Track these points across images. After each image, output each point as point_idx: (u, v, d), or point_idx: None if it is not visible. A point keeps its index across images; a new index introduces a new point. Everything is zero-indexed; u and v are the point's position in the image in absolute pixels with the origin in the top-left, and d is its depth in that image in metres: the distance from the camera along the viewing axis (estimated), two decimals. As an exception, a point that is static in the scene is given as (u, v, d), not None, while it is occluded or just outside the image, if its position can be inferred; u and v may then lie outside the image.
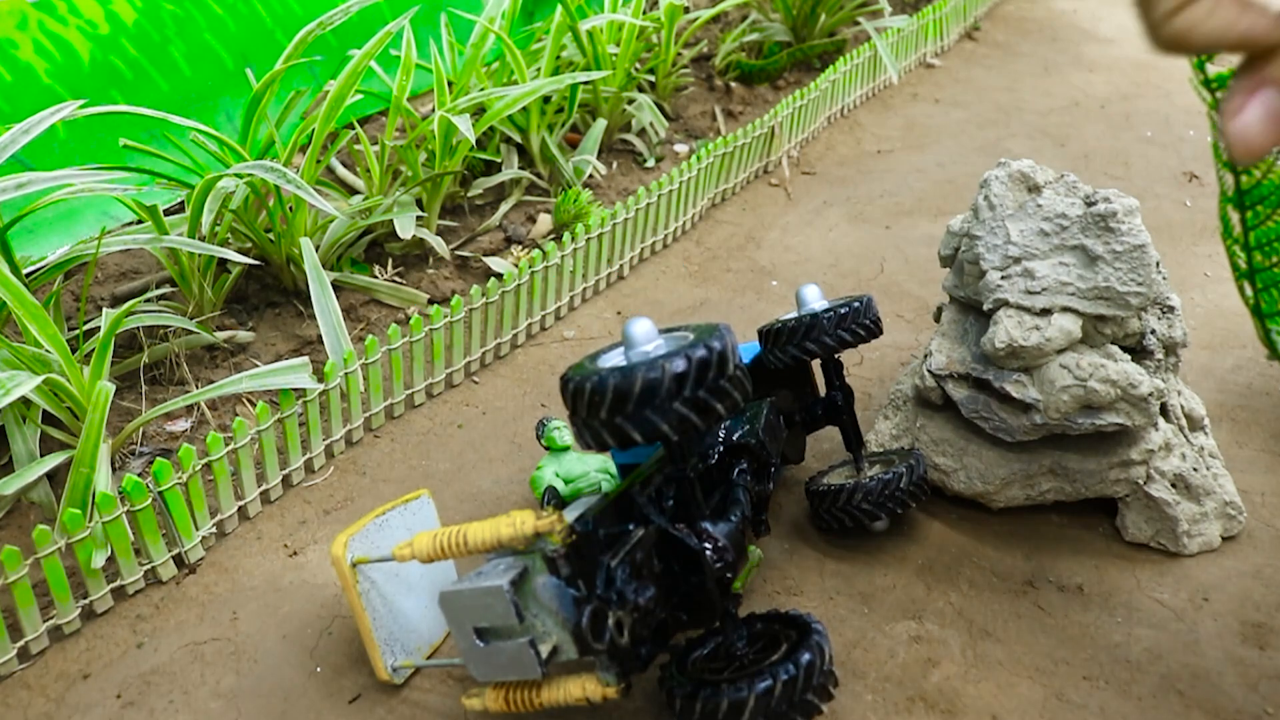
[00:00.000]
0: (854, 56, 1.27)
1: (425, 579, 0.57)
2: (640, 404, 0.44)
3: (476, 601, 0.46)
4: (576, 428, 0.47)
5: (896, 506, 0.62)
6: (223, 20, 1.06)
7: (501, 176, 1.01)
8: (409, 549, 0.49)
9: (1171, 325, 0.64)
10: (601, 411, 0.45)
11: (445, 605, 0.47)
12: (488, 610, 0.46)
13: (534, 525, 0.45)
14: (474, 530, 0.47)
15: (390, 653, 0.53)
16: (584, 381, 0.45)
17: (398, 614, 0.54)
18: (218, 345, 0.79)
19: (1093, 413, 0.62)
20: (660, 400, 0.44)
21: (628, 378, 0.44)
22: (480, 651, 0.47)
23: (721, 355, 0.45)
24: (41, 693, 0.55)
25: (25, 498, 0.65)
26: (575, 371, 0.46)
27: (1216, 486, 0.65)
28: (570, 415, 0.47)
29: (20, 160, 0.86)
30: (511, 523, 0.46)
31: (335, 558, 0.51)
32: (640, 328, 0.47)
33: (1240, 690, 0.56)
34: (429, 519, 0.57)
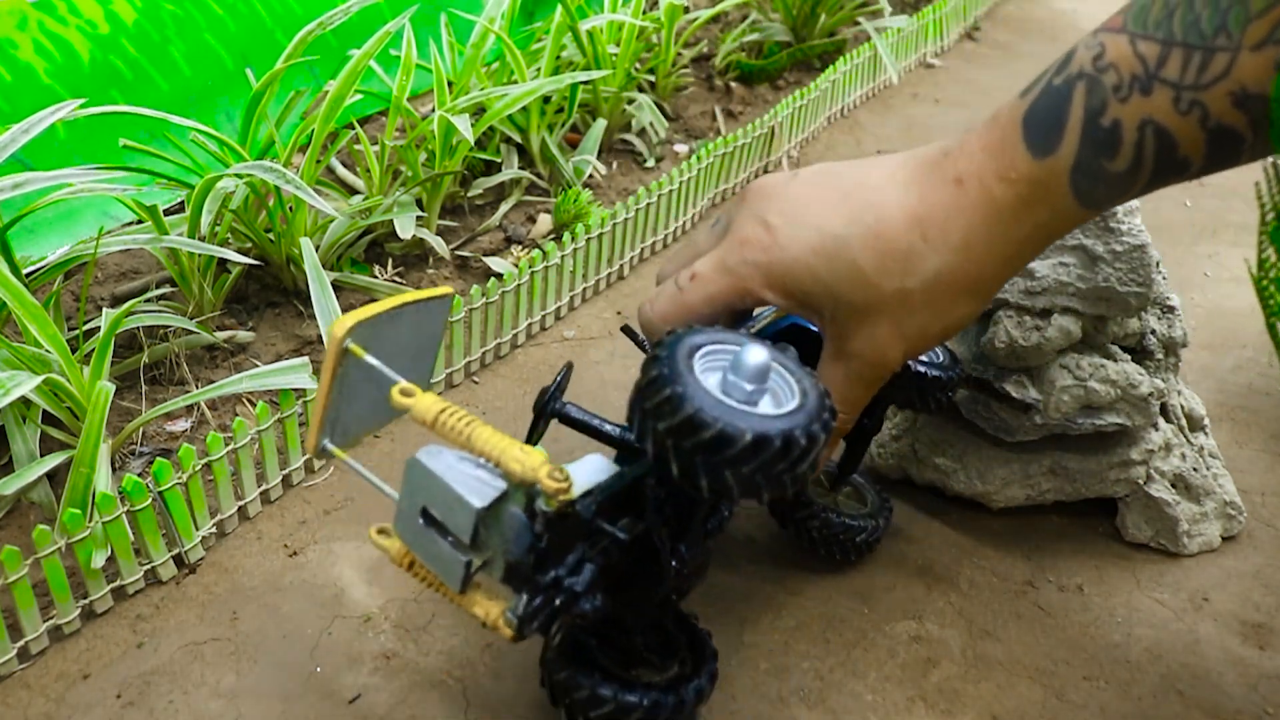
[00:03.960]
0: (854, 56, 1.27)
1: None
2: (775, 464, 0.41)
3: (442, 495, 0.43)
4: (668, 455, 0.42)
5: (838, 551, 0.61)
6: (223, 20, 1.06)
7: (501, 176, 1.01)
8: (410, 401, 0.44)
9: (1171, 325, 0.64)
10: (745, 465, 0.41)
11: (411, 471, 0.44)
12: (447, 510, 0.44)
13: (542, 480, 0.42)
14: (480, 436, 0.43)
15: (329, 433, 0.49)
16: (743, 433, 0.40)
17: (355, 408, 0.50)
18: (218, 345, 0.79)
19: (1093, 413, 0.62)
20: (788, 466, 0.42)
21: (787, 439, 0.41)
22: (416, 528, 0.45)
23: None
24: (41, 693, 0.55)
25: (25, 498, 0.65)
26: (712, 409, 0.41)
27: (1216, 486, 0.65)
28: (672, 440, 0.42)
29: (20, 160, 0.86)
30: (520, 461, 0.42)
31: (332, 336, 0.46)
32: (760, 359, 0.44)
33: (1240, 690, 0.56)
34: (437, 327, 0.53)
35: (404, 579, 0.62)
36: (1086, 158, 0.44)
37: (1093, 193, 0.45)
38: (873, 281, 0.48)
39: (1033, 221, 0.46)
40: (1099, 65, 0.44)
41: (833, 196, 0.49)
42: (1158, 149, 0.43)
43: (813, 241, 0.48)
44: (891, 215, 0.48)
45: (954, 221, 0.47)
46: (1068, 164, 0.45)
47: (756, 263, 0.50)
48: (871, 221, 0.48)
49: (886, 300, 0.48)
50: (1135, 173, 0.44)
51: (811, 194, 0.50)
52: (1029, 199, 0.46)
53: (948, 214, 0.47)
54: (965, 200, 0.47)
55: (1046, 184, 0.45)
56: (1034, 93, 0.46)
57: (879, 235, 0.47)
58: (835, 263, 0.48)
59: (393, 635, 0.58)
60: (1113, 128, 0.44)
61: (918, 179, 0.48)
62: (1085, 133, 0.44)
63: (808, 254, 0.48)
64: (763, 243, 0.49)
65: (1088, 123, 0.44)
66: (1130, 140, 0.44)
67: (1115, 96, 0.43)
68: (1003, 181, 0.46)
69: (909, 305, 0.48)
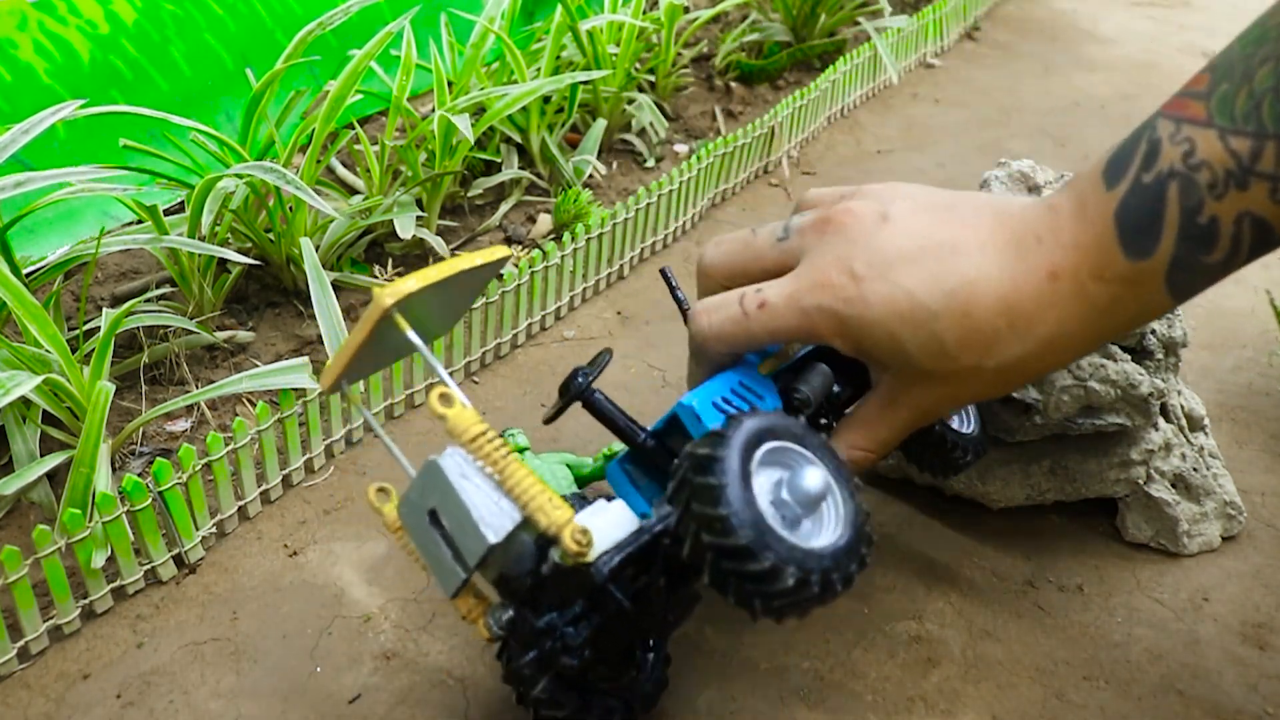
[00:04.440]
0: (854, 56, 1.27)
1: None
2: (805, 602, 0.41)
3: (457, 512, 0.42)
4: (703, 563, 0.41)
5: (939, 466, 0.60)
6: (223, 20, 1.06)
7: (501, 176, 1.01)
8: (448, 412, 0.42)
9: (1171, 325, 0.64)
10: (777, 600, 0.41)
11: (429, 472, 0.43)
12: (459, 529, 0.43)
13: (565, 540, 0.41)
14: (513, 476, 0.42)
15: (347, 379, 0.48)
16: (787, 572, 0.40)
17: (373, 357, 0.49)
18: (218, 345, 0.79)
19: (1093, 413, 0.62)
20: (815, 603, 0.42)
21: (825, 583, 0.41)
22: (421, 523, 0.44)
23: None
24: (41, 693, 0.55)
25: (25, 498, 0.65)
26: (762, 538, 0.40)
27: (1216, 486, 0.65)
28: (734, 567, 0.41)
29: (20, 160, 0.86)
30: (548, 515, 0.41)
31: (379, 304, 0.44)
32: (818, 485, 0.43)
33: (1240, 690, 0.56)
34: (480, 285, 0.51)
35: (404, 579, 0.62)
36: (1183, 255, 0.45)
37: (1187, 285, 0.46)
38: (952, 355, 0.47)
39: (1123, 316, 0.47)
40: (1190, 163, 0.44)
41: (925, 258, 0.48)
42: (1254, 238, 0.44)
43: (901, 307, 0.47)
44: (984, 295, 0.47)
45: (1045, 315, 0.47)
46: (1164, 264, 0.45)
47: (835, 312, 0.48)
48: (964, 299, 0.47)
49: (959, 372, 0.48)
50: (1230, 261, 0.45)
51: (903, 248, 0.48)
52: (1123, 297, 0.46)
53: (1039, 307, 0.47)
54: (1059, 296, 0.47)
55: (1141, 283, 0.45)
56: (1122, 187, 0.46)
57: (968, 315, 0.47)
58: (919, 332, 0.47)
59: (393, 635, 0.58)
60: (1210, 224, 0.44)
61: (1010, 261, 0.47)
62: (1182, 231, 0.44)
63: (892, 318, 0.47)
64: (846, 293, 0.48)
65: (1184, 222, 0.44)
66: (1228, 234, 0.44)
67: (1211, 194, 0.43)
68: (1098, 281, 0.46)
69: (979, 379, 0.48)
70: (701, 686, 0.55)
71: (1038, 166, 0.66)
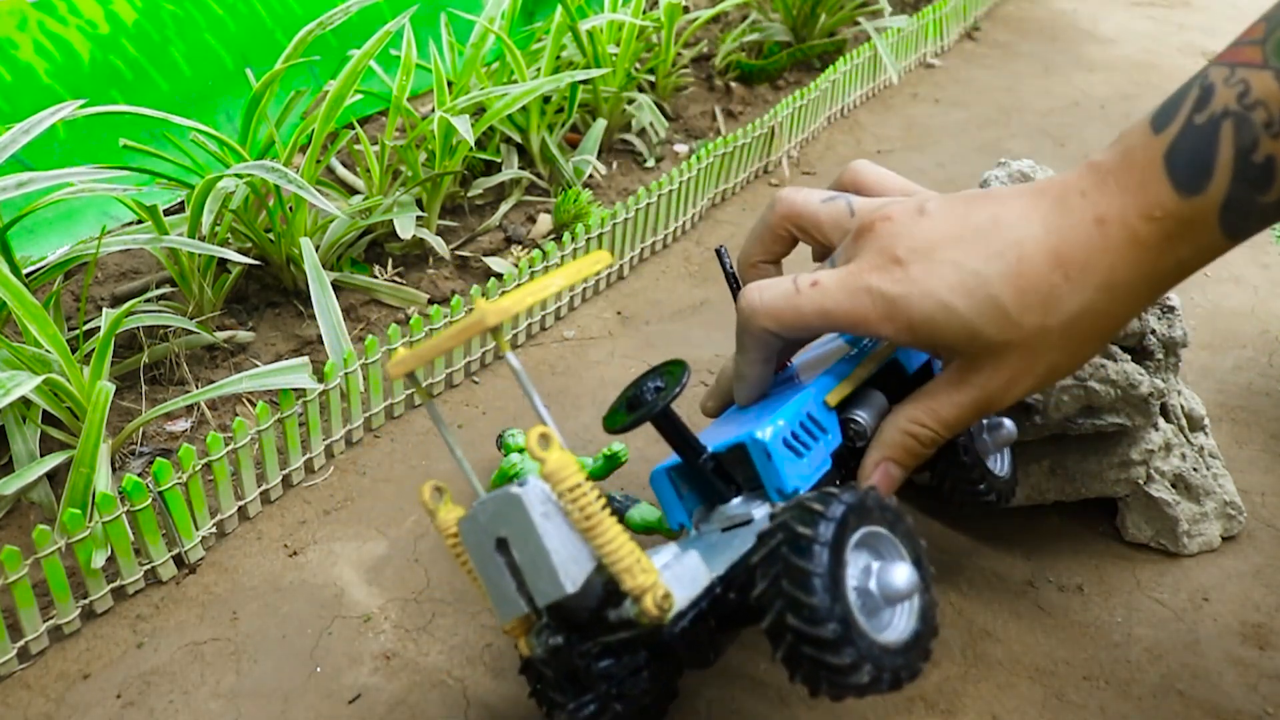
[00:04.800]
0: (854, 56, 1.27)
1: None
2: (860, 690, 0.41)
3: (534, 550, 0.41)
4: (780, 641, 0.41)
5: (967, 497, 0.59)
6: (223, 20, 1.06)
7: (501, 176, 1.01)
8: (549, 453, 0.40)
9: (1171, 325, 0.64)
10: (839, 687, 0.40)
11: (506, 503, 0.41)
12: (532, 566, 0.41)
13: (647, 606, 0.40)
14: (604, 534, 0.40)
15: (428, 373, 0.47)
16: (861, 670, 0.40)
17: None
18: (218, 345, 0.79)
19: (1093, 413, 0.62)
20: (867, 691, 0.41)
21: (894, 681, 0.41)
22: (485, 545, 0.42)
23: None
24: (41, 693, 0.55)
25: (25, 498, 0.65)
26: (846, 632, 0.40)
27: (1216, 486, 0.65)
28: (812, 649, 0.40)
29: (20, 160, 0.86)
30: (635, 578, 0.40)
31: (483, 322, 0.41)
32: (907, 583, 0.42)
33: (1240, 690, 0.56)
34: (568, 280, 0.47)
35: (404, 579, 0.62)
36: (1238, 194, 0.44)
37: (1242, 225, 0.45)
38: (1014, 319, 0.47)
39: (1176, 257, 0.46)
40: (1246, 103, 0.44)
41: (967, 234, 0.48)
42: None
43: (950, 278, 0.47)
44: (1032, 253, 0.47)
45: (1097, 261, 0.46)
46: (1218, 201, 0.45)
47: (885, 293, 0.48)
48: (1013, 259, 0.47)
49: (1025, 338, 0.47)
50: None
51: (944, 229, 0.48)
52: (1174, 236, 0.46)
53: (1090, 253, 0.46)
54: (1109, 240, 0.46)
55: (1194, 221, 0.45)
56: (1173, 129, 0.46)
57: (1020, 274, 0.47)
58: (975, 299, 0.47)
59: (393, 635, 0.58)
60: (1266, 163, 0.44)
61: (1054, 217, 0.47)
62: (1237, 170, 0.44)
63: (945, 290, 0.47)
64: (894, 274, 0.48)
65: (1239, 160, 0.44)
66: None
67: (1267, 133, 0.43)
68: (1148, 220, 0.46)
69: (1046, 343, 0.47)
70: (702, 687, 0.55)
71: (1038, 166, 0.66)
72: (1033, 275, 0.47)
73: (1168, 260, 0.46)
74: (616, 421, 0.49)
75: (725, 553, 0.46)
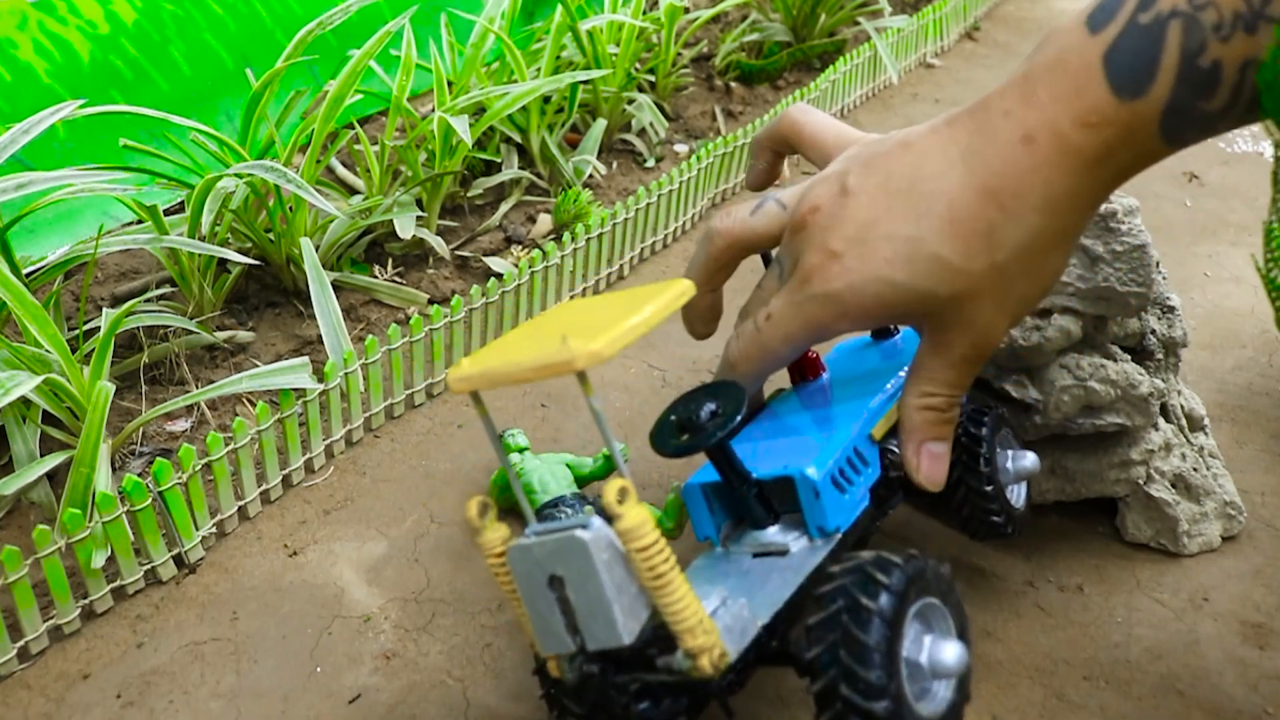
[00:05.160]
0: (854, 56, 1.27)
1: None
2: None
3: (593, 595, 0.39)
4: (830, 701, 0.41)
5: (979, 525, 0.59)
6: (223, 20, 1.06)
7: (501, 176, 1.01)
8: (626, 508, 0.39)
9: (1171, 325, 0.64)
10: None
11: (570, 546, 0.40)
12: (589, 610, 0.40)
13: (702, 665, 0.40)
14: (672, 594, 0.39)
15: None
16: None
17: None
18: (218, 345, 0.79)
19: (1093, 413, 0.62)
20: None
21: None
22: (536, 580, 0.41)
23: None
24: (41, 693, 0.55)
25: (25, 498, 0.65)
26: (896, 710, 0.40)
27: (1216, 486, 0.65)
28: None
29: (20, 160, 0.86)
30: (696, 638, 0.40)
31: (571, 361, 0.38)
32: (957, 661, 0.42)
33: (1240, 690, 0.56)
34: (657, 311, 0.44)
35: (404, 579, 0.62)
36: (1181, 99, 0.42)
37: (1182, 132, 0.43)
38: (961, 268, 0.45)
39: (1115, 164, 0.44)
40: (1196, 3, 0.42)
41: (893, 201, 0.47)
42: (1256, 90, 0.41)
43: (886, 253, 0.46)
44: (961, 197, 0.45)
45: (1030, 182, 0.44)
46: (1159, 105, 0.42)
47: (829, 294, 0.47)
48: (942, 210, 0.45)
49: (981, 281, 0.46)
50: (1229, 111, 0.42)
51: (869, 205, 0.47)
52: (1112, 142, 0.44)
53: (1020, 176, 0.45)
54: (1039, 158, 0.44)
55: (1133, 127, 0.43)
56: (1112, 30, 0.43)
57: (954, 221, 0.45)
58: (916, 264, 0.46)
59: (393, 635, 0.58)
60: (1212, 69, 0.41)
61: (977, 149, 0.46)
62: (1181, 74, 0.42)
63: (885, 267, 0.46)
64: (830, 270, 0.47)
65: (1184, 64, 0.42)
66: (1230, 81, 0.41)
67: (1216, 36, 0.41)
68: (1084, 128, 0.43)
69: (1005, 277, 0.46)
70: (701, 686, 0.55)
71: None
72: (967, 219, 0.45)
73: (1107, 168, 0.44)
74: (670, 444, 0.47)
75: (765, 590, 0.46)
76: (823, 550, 0.48)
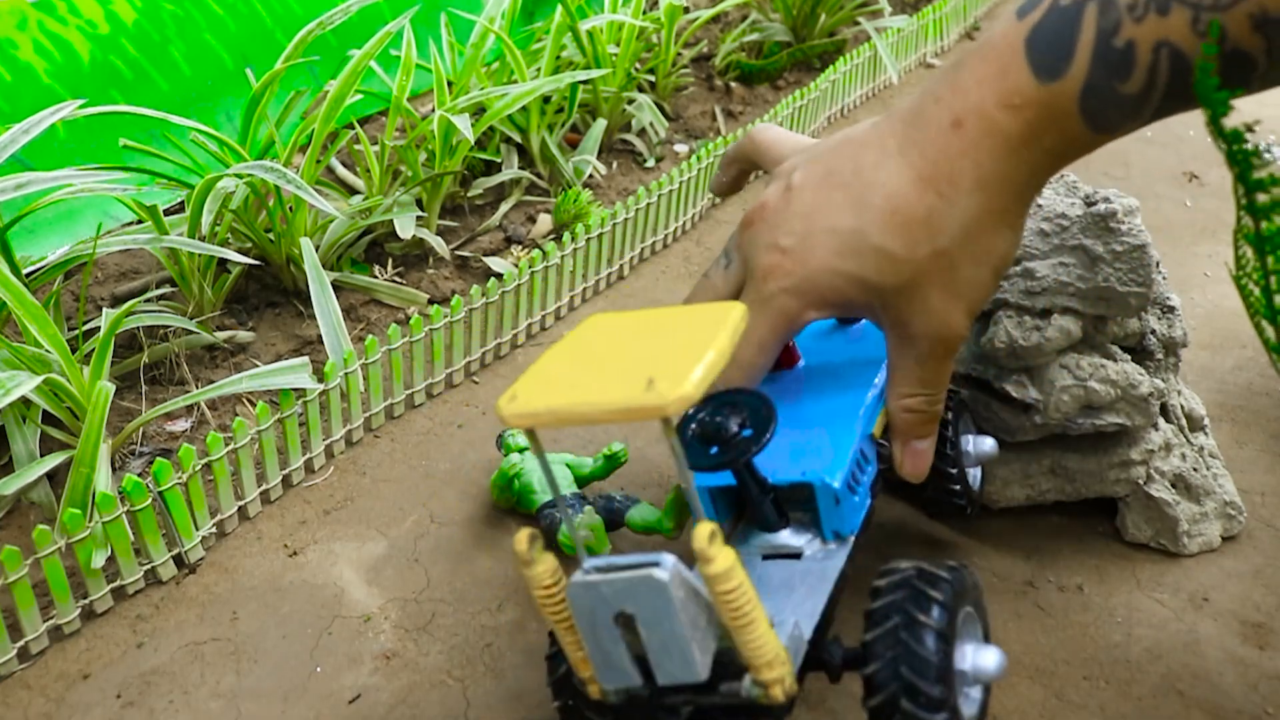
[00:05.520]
0: (854, 56, 1.27)
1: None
2: None
3: (667, 632, 0.39)
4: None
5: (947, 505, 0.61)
6: (223, 20, 1.06)
7: (501, 176, 1.02)
8: (711, 554, 0.37)
9: (1171, 325, 0.64)
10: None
11: (644, 585, 0.39)
12: (661, 647, 0.39)
13: (774, 694, 0.40)
14: (754, 629, 0.39)
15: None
16: None
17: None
18: (218, 345, 0.79)
19: (1093, 413, 0.62)
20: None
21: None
22: (600, 617, 0.40)
23: None
24: (41, 693, 0.55)
25: (25, 498, 0.65)
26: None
27: (1216, 486, 0.65)
28: None
29: (20, 160, 0.86)
30: (770, 668, 0.40)
31: (659, 409, 0.36)
32: (997, 667, 0.44)
33: (1240, 690, 0.56)
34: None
35: (404, 579, 0.62)
36: (1098, 80, 0.43)
37: (1104, 116, 0.44)
38: (905, 258, 0.46)
39: (1042, 147, 0.45)
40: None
41: (835, 195, 0.48)
42: (1172, 72, 0.42)
43: (832, 245, 0.47)
44: (898, 188, 0.46)
45: (960, 166, 0.45)
46: (1077, 86, 0.43)
47: (785, 289, 0.48)
48: (881, 202, 0.46)
49: (927, 269, 0.47)
50: (1147, 96, 0.43)
51: (812, 200, 0.49)
52: (1036, 124, 0.44)
53: (952, 161, 0.46)
54: (967, 141, 0.45)
55: (1054, 107, 0.44)
56: (1036, 14, 0.44)
57: (893, 210, 0.46)
58: (861, 256, 0.47)
59: (393, 635, 0.58)
60: (1126, 49, 0.42)
61: (912, 138, 0.47)
62: (1097, 54, 0.42)
63: (832, 259, 0.47)
64: (784, 267, 0.48)
65: (1100, 43, 0.42)
66: (1144, 62, 0.42)
67: (1130, 16, 0.42)
68: (1007, 109, 0.44)
69: (950, 262, 0.47)
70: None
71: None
72: (906, 209, 0.46)
73: (1033, 150, 0.45)
74: (701, 460, 0.45)
75: (794, 599, 0.47)
76: (840, 553, 0.49)
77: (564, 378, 0.40)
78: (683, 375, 0.37)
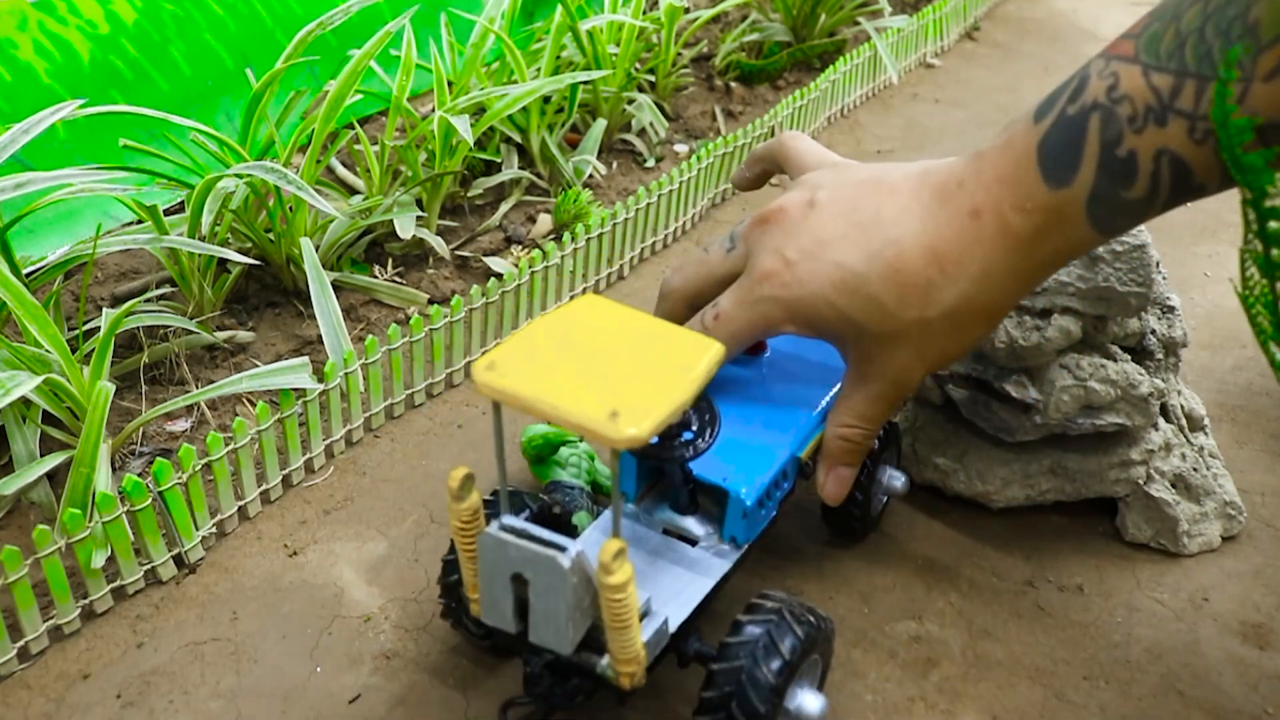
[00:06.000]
0: (854, 56, 1.27)
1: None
2: None
3: (552, 605, 0.43)
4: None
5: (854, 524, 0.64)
6: (223, 20, 1.06)
7: (501, 176, 1.01)
8: (615, 567, 0.41)
9: (1171, 325, 0.64)
10: None
11: (546, 563, 0.42)
12: (544, 617, 0.44)
13: (623, 677, 0.45)
14: (629, 630, 0.43)
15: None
16: None
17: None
18: (218, 345, 0.79)
19: (1093, 413, 0.62)
20: None
21: None
22: (498, 568, 0.43)
23: None
24: (41, 693, 0.55)
25: (25, 498, 0.65)
26: None
27: (1216, 486, 0.65)
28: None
29: (20, 160, 0.86)
30: (630, 665, 0.44)
31: (632, 437, 0.38)
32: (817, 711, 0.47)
33: (1240, 690, 0.56)
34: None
35: (404, 579, 0.62)
36: (1103, 188, 0.45)
37: (1109, 220, 0.46)
38: (893, 313, 0.49)
39: (1050, 248, 0.48)
40: (1113, 96, 0.45)
41: (851, 232, 0.50)
42: (1173, 177, 0.44)
43: (833, 277, 0.50)
44: (909, 250, 0.49)
45: (971, 253, 0.48)
46: (1084, 194, 0.46)
47: (777, 298, 0.51)
48: (891, 257, 0.49)
49: (908, 328, 0.50)
50: (1151, 200, 0.45)
51: (829, 228, 0.51)
52: (1045, 228, 0.47)
53: (964, 246, 0.48)
54: (982, 233, 0.48)
55: (1062, 213, 0.46)
56: (1048, 120, 0.47)
57: (898, 270, 0.49)
58: (856, 297, 0.49)
59: (393, 635, 0.58)
60: (1128, 158, 0.44)
61: (933, 211, 0.49)
62: (1101, 164, 0.45)
63: (828, 289, 0.50)
64: (783, 278, 0.51)
65: (1104, 154, 0.45)
66: (1146, 170, 0.44)
67: (1130, 128, 0.44)
68: (1019, 212, 0.47)
69: (930, 332, 0.50)
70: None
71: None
72: (910, 272, 0.49)
73: (1041, 251, 0.48)
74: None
75: (673, 588, 0.50)
76: (732, 556, 0.53)
77: (541, 362, 0.41)
78: (644, 415, 0.38)
